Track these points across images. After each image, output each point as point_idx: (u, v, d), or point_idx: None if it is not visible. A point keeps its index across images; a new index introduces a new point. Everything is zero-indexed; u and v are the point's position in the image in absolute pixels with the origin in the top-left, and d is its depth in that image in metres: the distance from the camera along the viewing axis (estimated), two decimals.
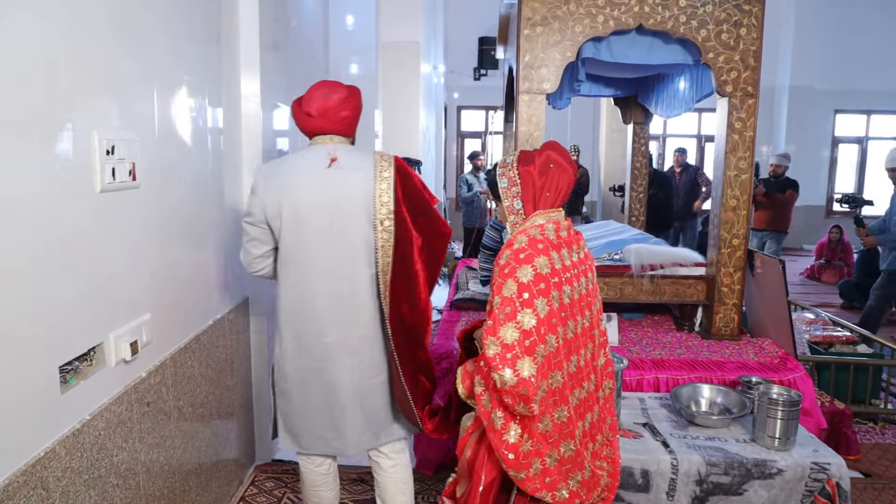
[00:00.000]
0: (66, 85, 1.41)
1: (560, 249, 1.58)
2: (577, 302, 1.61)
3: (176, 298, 1.98)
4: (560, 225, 1.62)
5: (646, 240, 3.66)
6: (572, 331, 1.59)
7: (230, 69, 2.50)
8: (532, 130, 2.98)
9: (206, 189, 2.26)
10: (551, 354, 1.50)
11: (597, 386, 1.72)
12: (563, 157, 1.64)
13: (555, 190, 1.62)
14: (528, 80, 2.94)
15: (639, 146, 4.92)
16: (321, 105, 1.98)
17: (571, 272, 1.60)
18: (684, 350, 2.97)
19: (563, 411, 1.56)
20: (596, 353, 1.73)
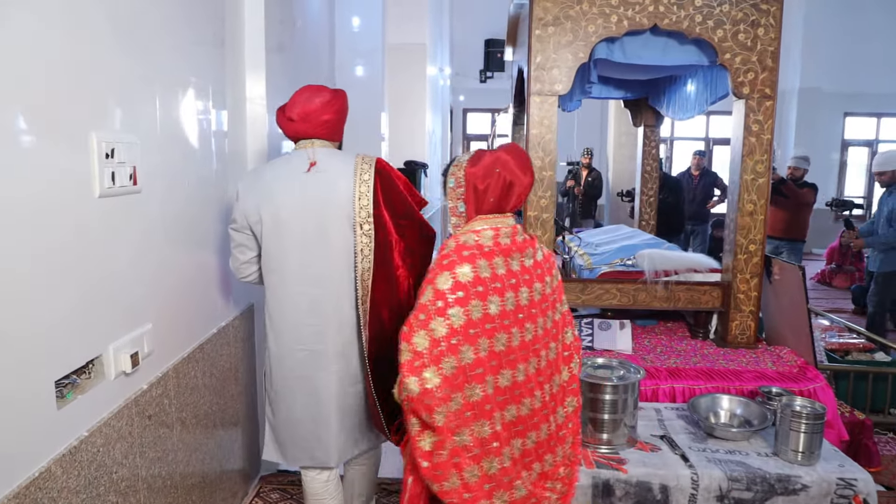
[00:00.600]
0: (63, 84, 1.35)
1: (494, 257, 1.50)
2: (521, 310, 1.53)
3: (179, 307, 1.92)
4: (500, 231, 1.54)
5: (658, 245, 3.58)
6: (504, 343, 1.50)
7: (235, 70, 2.44)
8: (544, 133, 2.91)
9: (210, 193, 2.20)
10: (467, 366, 1.44)
11: (544, 403, 1.61)
12: (515, 162, 1.56)
13: (498, 195, 1.54)
14: (540, 82, 2.87)
15: (649, 149, 4.84)
16: (302, 109, 1.97)
17: (516, 279, 1.52)
18: (700, 358, 2.89)
19: (485, 426, 1.48)
20: (551, 367, 1.63)
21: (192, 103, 2.00)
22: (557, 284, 1.67)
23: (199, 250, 2.10)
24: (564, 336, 1.69)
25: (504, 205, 1.57)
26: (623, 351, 2.94)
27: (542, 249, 1.64)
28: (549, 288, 1.61)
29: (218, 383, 2.22)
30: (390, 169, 2.09)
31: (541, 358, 1.58)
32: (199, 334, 2.07)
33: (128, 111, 1.60)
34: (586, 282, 3.09)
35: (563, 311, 1.69)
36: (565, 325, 1.69)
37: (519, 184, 1.56)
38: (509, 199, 1.56)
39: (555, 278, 1.66)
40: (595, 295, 3.08)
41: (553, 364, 1.63)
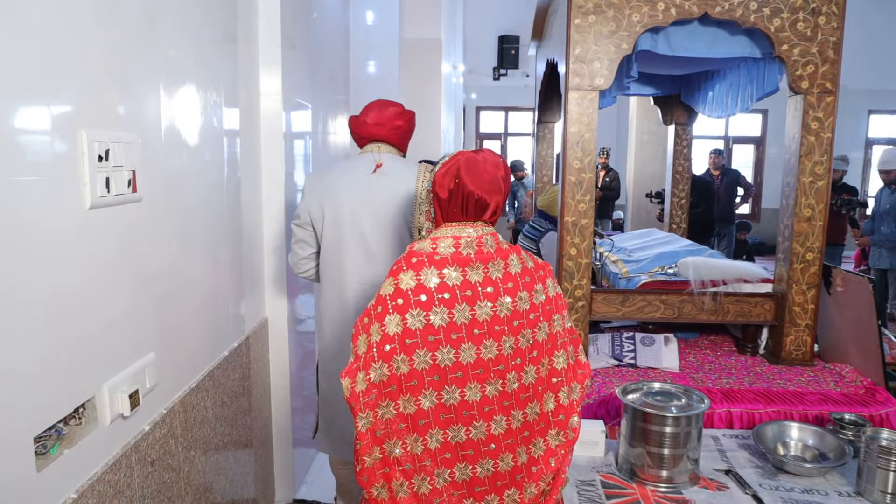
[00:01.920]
0: (45, 69, 1.12)
1: (446, 266, 1.41)
2: (478, 325, 1.41)
3: (186, 331, 1.69)
4: (461, 241, 1.44)
5: (700, 252, 3.33)
6: (451, 358, 1.40)
7: (248, 63, 2.22)
8: (583, 132, 2.67)
9: (221, 200, 1.97)
10: (402, 376, 1.38)
11: (509, 431, 1.47)
12: (472, 176, 1.45)
13: (460, 205, 1.46)
14: (579, 76, 2.63)
15: (681, 149, 4.59)
16: (377, 114, 2.10)
17: (474, 292, 1.42)
18: (753, 377, 2.65)
19: (418, 443, 1.42)
20: (526, 392, 1.47)
21: (200, 98, 1.77)
22: (545, 301, 1.50)
23: (208, 266, 1.87)
24: (554, 360, 1.51)
25: (468, 215, 1.47)
26: (669, 369, 2.70)
27: (523, 262, 1.49)
28: (526, 304, 1.46)
29: (229, 412, 1.99)
30: None
31: (508, 381, 1.45)
32: (209, 359, 1.84)
33: (125, 104, 1.36)
34: (626, 293, 2.85)
35: (555, 332, 1.52)
36: (557, 347, 1.52)
37: (478, 199, 1.45)
38: (470, 210, 1.46)
39: (537, 294, 1.49)
40: (637, 307, 2.84)
41: (530, 389, 1.48)
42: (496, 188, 1.47)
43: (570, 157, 2.68)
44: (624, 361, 2.74)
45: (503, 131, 11.35)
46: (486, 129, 11.50)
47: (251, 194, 2.26)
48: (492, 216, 1.50)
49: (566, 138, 2.68)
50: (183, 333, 1.66)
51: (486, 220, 1.49)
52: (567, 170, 2.68)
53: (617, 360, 2.74)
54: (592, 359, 2.74)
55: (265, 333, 2.40)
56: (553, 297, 1.53)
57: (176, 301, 1.61)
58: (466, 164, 1.47)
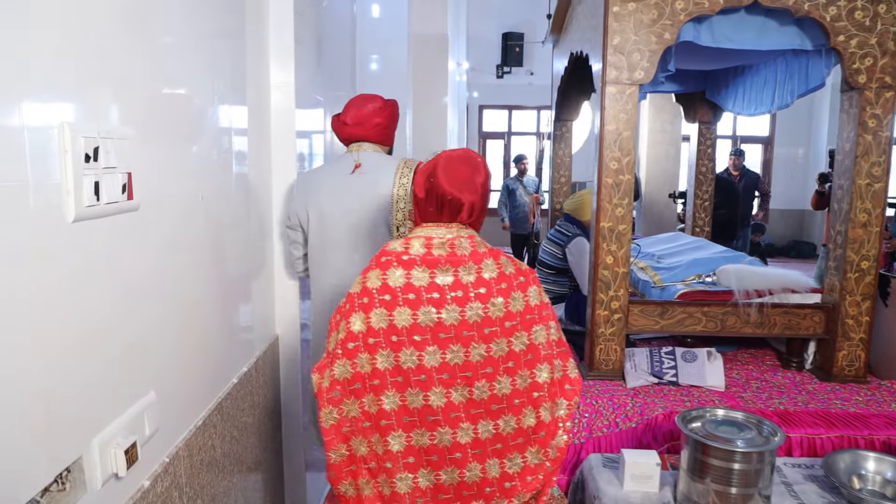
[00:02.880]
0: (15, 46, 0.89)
1: (414, 267, 1.39)
2: (444, 329, 1.37)
3: (191, 362, 1.47)
4: (433, 241, 1.42)
5: (737, 258, 3.12)
6: (414, 361, 1.37)
7: (257, 50, 1.99)
8: (621, 130, 2.45)
9: (229, 206, 1.75)
10: (366, 375, 1.37)
11: (476, 441, 1.42)
12: (447, 175, 1.42)
13: (435, 206, 1.44)
14: (617, 69, 2.41)
15: (705, 148, 4.39)
16: (356, 113, 2.08)
17: (441, 294, 1.38)
18: (806, 397, 2.44)
19: (380, 443, 1.41)
20: (499, 403, 1.41)
21: (206, 87, 1.55)
22: (524, 309, 1.43)
23: (215, 283, 1.64)
24: (536, 373, 1.44)
25: (440, 217, 1.45)
26: (714, 387, 2.49)
27: (500, 267, 1.43)
28: (500, 311, 1.40)
29: (239, 448, 1.76)
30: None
31: (476, 389, 1.40)
32: (216, 389, 1.61)
33: (118, 95, 1.13)
34: (665, 304, 2.64)
35: (537, 343, 1.44)
36: (539, 360, 1.44)
37: (452, 199, 1.42)
38: (443, 212, 1.44)
39: (514, 302, 1.42)
40: (676, 320, 2.62)
41: (504, 401, 1.42)
42: (471, 188, 1.43)
43: (606, 158, 2.46)
44: (664, 379, 2.52)
45: (507, 130, 11.13)
46: (489, 129, 11.27)
47: (260, 199, 2.04)
48: (469, 217, 1.45)
49: (602, 137, 2.46)
50: (187, 364, 1.43)
51: (463, 221, 1.45)
52: (603, 171, 2.46)
53: (657, 378, 2.53)
54: (629, 376, 2.53)
55: (275, 352, 2.17)
56: (535, 307, 1.45)
57: (179, 327, 1.38)
58: (444, 163, 1.45)
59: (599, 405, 2.36)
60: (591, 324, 2.57)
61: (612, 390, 2.46)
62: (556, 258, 3.31)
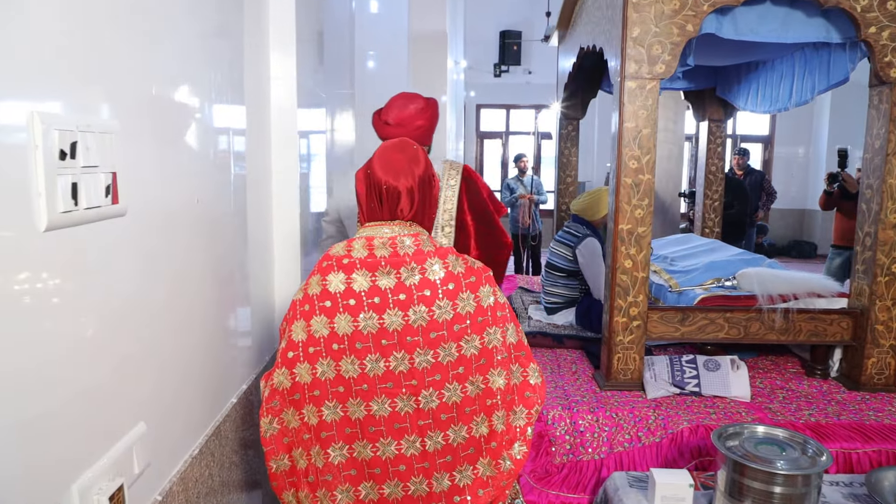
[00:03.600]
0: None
1: (354, 270, 1.31)
2: (386, 335, 1.29)
3: (185, 385, 1.32)
4: (374, 242, 1.33)
5: (757, 261, 3.00)
6: (356, 370, 1.29)
7: (256, 39, 1.84)
8: (641, 127, 2.32)
9: (226, 212, 1.60)
10: (306, 385, 1.30)
11: (424, 454, 1.33)
12: (381, 161, 1.36)
13: (374, 200, 1.36)
14: (637, 62, 2.28)
15: (714, 147, 4.27)
16: (398, 114, 2.08)
17: (382, 298, 1.30)
18: (836, 407, 2.32)
19: (320, 455, 1.34)
20: (448, 412, 1.32)
21: (198, 80, 1.40)
22: (475, 311, 1.33)
23: (212, 297, 1.49)
24: (489, 379, 1.34)
25: (382, 212, 1.36)
26: (740, 398, 2.36)
27: (447, 267, 1.33)
28: (448, 314, 1.31)
29: (238, 474, 1.61)
30: (477, 177, 2.19)
31: (423, 398, 1.31)
32: (213, 413, 1.46)
33: (103, 80, 0.98)
34: (686, 310, 2.51)
35: (490, 347, 1.34)
36: (493, 364, 1.34)
37: (388, 187, 1.34)
38: (383, 205, 1.36)
39: (464, 303, 1.32)
40: (697, 326, 2.50)
41: (454, 410, 1.33)
42: (407, 174, 1.35)
43: (625, 157, 2.33)
44: (686, 389, 2.39)
45: (504, 130, 11.00)
46: (486, 128, 11.15)
47: (261, 203, 1.90)
48: (411, 210, 1.36)
49: (621, 135, 2.33)
50: (181, 388, 1.28)
51: (405, 217, 1.36)
52: (622, 170, 2.33)
53: (678, 388, 2.40)
54: (649, 386, 2.40)
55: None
56: (488, 307, 1.34)
57: (171, 347, 1.24)
58: (379, 152, 1.39)
59: (620, 418, 2.23)
60: (608, 331, 2.44)
61: (632, 402, 2.33)
62: (567, 260, 3.18)
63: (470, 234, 2.10)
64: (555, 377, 2.61)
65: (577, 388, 2.47)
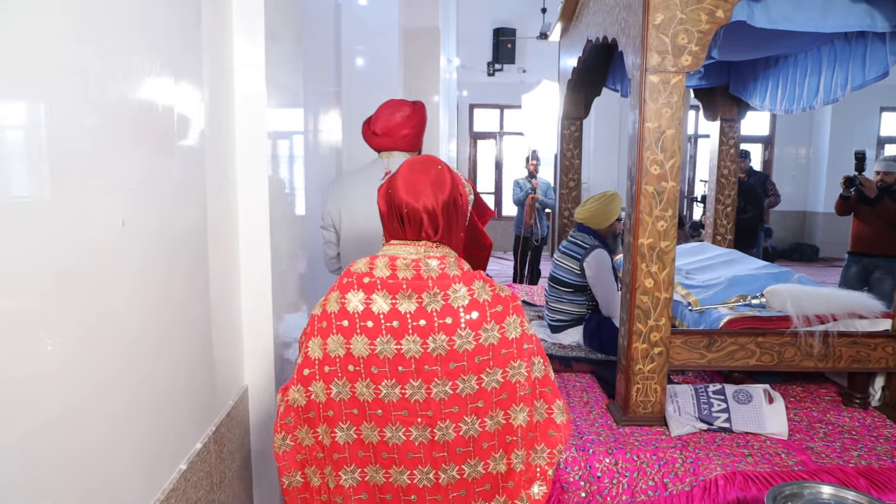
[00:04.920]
0: None
1: (375, 291, 1.25)
2: (403, 362, 1.24)
3: (124, 455, 1.02)
4: (397, 263, 1.27)
5: (785, 276, 2.72)
6: (370, 393, 1.25)
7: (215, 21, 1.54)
8: (664, 127, 2.03)
9: (179, 230, 1.30)
10: (320, 404, 1.27)
11: (437, 487, 1.28)
12: (404, 182, 1.29)
13: (397, 220, 1.30)
14: (660, 53, 2.00)
15: (727, 149, 3.99)
16: (385, 124, 2.16)
17: (401, 323, 1.24)
18: (887, 446, 2.04)
19: (332, 476, 1.30)
20: (464, 446, 1.26)
21: (137, 56, 1.10)
22: (498, 343, 1.25)
23: (155, 342, 1.19)
24: (511, 415, 1.28)
25: (406, 231, 1.30)
26: (776, 434, 2.08)
27: (472, 294, 1.24)
28: (470, 345, 1.24)
29: None
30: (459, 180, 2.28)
31: (439, 430, 1.27)
32: (162, 479, 1.16)
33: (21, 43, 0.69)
34: (712, 335, 2.23)
35: (514, 382, 1.27)
36: (515, 400, 1.28)
37: (409, 210, 1.27)
38: (406, 225, 1.29)
39: (487, 334, 1.24)
40: (726, 352, 2.22)
41: (471, 444, 1.28)
42: (429, 195, 1.27)
43: (646, 161, 2.04)
44: (715, 425, 2.11)
45: (498, 130, 10.72)
46: (479, 128, 10.86)
47: (223, 218, 1.60)
48: (436, 232, 1.28)
49: (641, 136, 2.04)
50: (118, 460, 0.99)
51: (431, 238, 1.29)
52: (642, 176, 2.05)
53: (706, 423, 2.12)
54: (673, 421, 2.11)
55: (244, 410, 1.73)
56: (514, 340, 1.26)
57: (103, 406, 0.94)
58: (403, 170, 1.31)
59: (642, 461, 1.95)
60: (626, 359, 2.15)
61: (655, 440, 2.05)
62: (573, 274, 2.89)
63: None
64: None
65: (590, 424, 2.18)
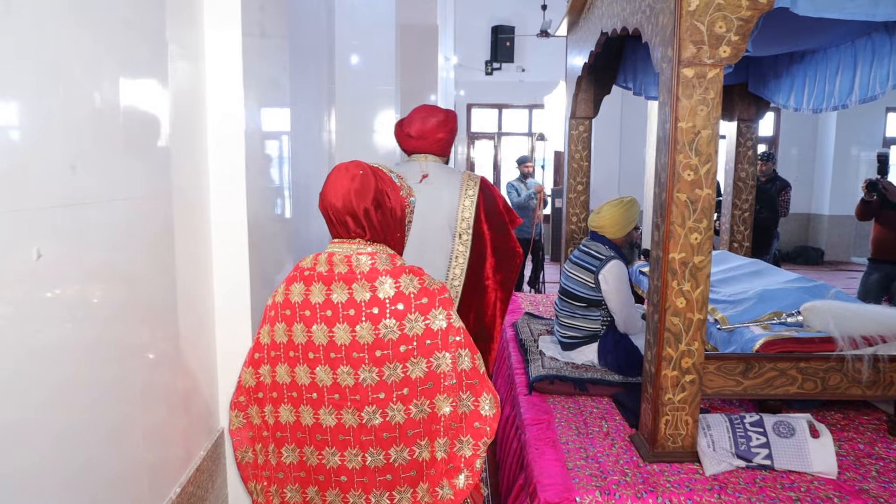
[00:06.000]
0: None
1: (313, 283, 1.34)
2: (335, 348, 1.31)
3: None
4: (333, 259, 1.35)
5: (821, 291, 2.49)
6: (307, 377, 1.33)
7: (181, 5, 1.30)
8: (699, 128, 1.80)
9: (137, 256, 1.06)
10: (267, 385, 1.38)
11: (364, 470, 1.34)
12: (331, 181, 1.35)
13: (328, 217, 1.37)
14: (696, 44, 1.76)
15: (744, 150, 3.77)
16: (420, 128, 2.22)
17: (334, 312, 1.31)
18: None
19: (272, 453, 1.40)
20: (390, 432, 1.33)
21: (80, 42, 0.86)
22: (423, 334, 1.32)
23: (122, 387, 0.95)
24: (436, 404, 1.35)
25: (339, 230, 1.38)
26: (823, 473, 1.85)
27: (398, 287, 1.32)
28: (394, 334, 1.31)
29: None
30: (493, 189, 2.31)
31: (366, 413, 1.33)
32: None
33: None
34: (750, 359, 1.99)
35: (439, 372, 1.34)
36: (440, 390, 1.34)
37: (334, 210, 1.35)
38: (336, 226, 1.37)
39: (411, 324, 1.31)
40: (765, 379, 1.99)
41: (396, 430, 1.34)
42: (349, 198, 1.34)
43: (679, 166, 1.81)
44: (754, 462, 1.88)
45: (497, 131, 10.48)
46: (477, 129, 10.62)
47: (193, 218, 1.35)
48: (364, 231, 1.36)
49: (674, 138, 1.80)
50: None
51: (363, 236, 1.37)
52: (675, 182, 1.81)
53: (744, 460, 1.88)
54: (707, 458, 1.88)
55: (220, 456, 1.48)
56: (439, 331, 1.33)
57: (54, 460, 0.70)
58: (331, 173, 1.38)
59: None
60: (654, 388, 1.92)
61: (688, 480, 1.82)
62: (587, 287, 2.65)
63: (486, 242, 2.25)
64: (582, 440, 2.08)
65: (613, 460, 1.95)
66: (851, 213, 4.84)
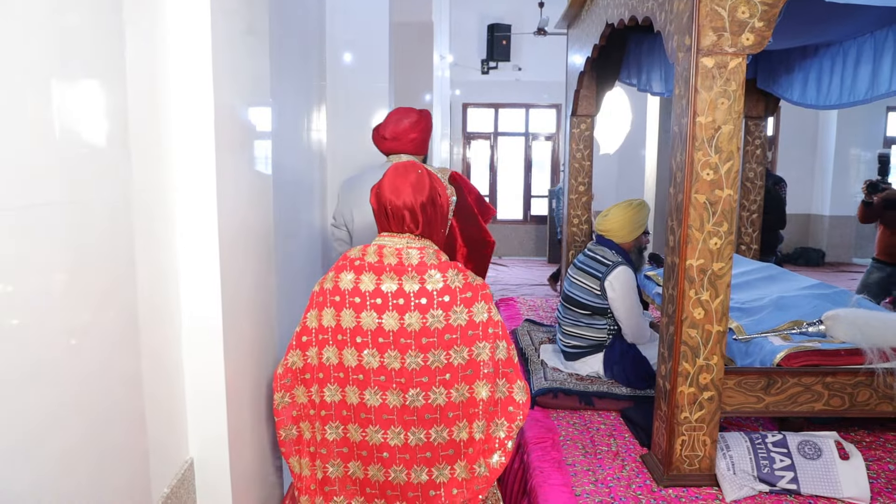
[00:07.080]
0: None
1: (363, 272, 1.43)
2: (383, 334, 1.41)
3: None
4: (384, 251, 1.45)
5: (842, 297, 2.34)
6: (355, 359, 1.43)
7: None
8: (720, 123, 1.64)
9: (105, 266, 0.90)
10: (314, 367, 1.48)
11: (406, 447, 1.44)
12: (389, 182, 1.46)
13: (384, 213, 1.46)
14: (716, 31, 1.61)
15: (753, 149, 3.63)
16: (394, 129, 2.30)
17: (384, 300, 1.41)
18: None
19: (319, 430, 1.51)
20: (433, 413, 1.42)
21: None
22: (466, 324, 1.41)
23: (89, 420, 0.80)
24: (475, 389, 1.44)
25: (391, 225, 1.47)
26: (855, 499, 1.70)
27: (446, 280, 1.41)
28: (440, 323, 1.40)
29: None
30: (463, 182, 2.36)
31: (409, 396, 1.43)
32: None
33: None
34: (772, 374, 1.84)
35: (479, 360, 1.43)
36: (479, 377, 1.44)
37: (393, 206, 1.45)
38: (390, 220, 1.47)
39: (456, 315, 1.41)
40: (787, 395, 1.84)
41: (438, 412, 1.43)
42: (409, 195, 1.43)
43: (697, 164, 1.65)
44: (778, 486, 1.73)
45: (493, 131, 10.32)
46: (473, 129, 10.46)
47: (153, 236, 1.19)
48: (416, 226, 1.45)
49: (692, 134, 1.65)
50: None
51: (413, 231, 1.46)
52: (692, 182, 1.66)
53: (767, 484, 1.73)
54: (727, 482, 1.73)
55: (189, 488, 1.32)
56: (480, 323, 1.43)
57: None
58: (389, 173, 1.48)
59: None
60: (668, 405, 1.76)
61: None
62: (592, 294, 2.50)
63: (455, 234, 2.29)
64: (590, 462, 1.93)
65: (625, 484, 1.79)
66: (852, 213, 4.75)
